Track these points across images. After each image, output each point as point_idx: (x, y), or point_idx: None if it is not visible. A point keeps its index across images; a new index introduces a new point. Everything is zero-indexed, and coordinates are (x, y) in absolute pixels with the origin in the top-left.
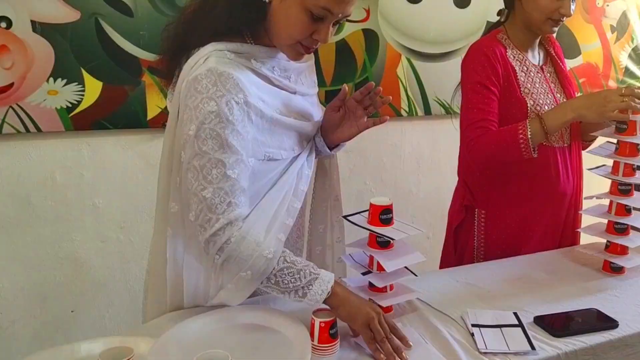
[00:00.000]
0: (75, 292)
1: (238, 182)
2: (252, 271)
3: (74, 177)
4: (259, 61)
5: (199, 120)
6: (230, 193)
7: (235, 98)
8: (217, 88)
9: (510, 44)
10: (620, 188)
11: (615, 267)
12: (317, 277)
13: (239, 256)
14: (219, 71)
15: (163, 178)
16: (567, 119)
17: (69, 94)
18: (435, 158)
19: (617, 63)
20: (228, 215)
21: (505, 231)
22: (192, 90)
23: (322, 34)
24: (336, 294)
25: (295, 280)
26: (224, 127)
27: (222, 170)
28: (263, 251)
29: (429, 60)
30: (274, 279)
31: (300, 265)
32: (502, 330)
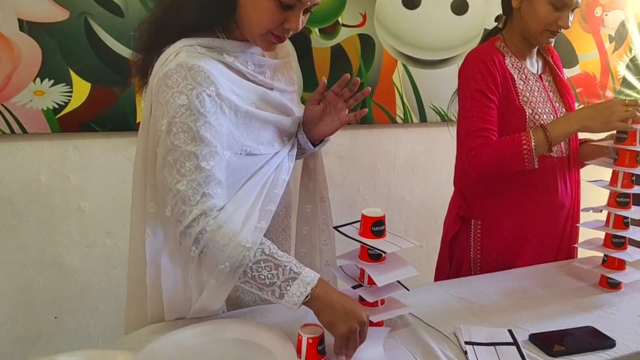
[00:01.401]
0: (59, 297)
1: (212, 173)
2: (230, 262)
3: (60, 180)
4: (232, 55)
5: (170, 115)
6: (203, 184)
7: (206, 91)
8: (188, 82)
9: (508, 52)
10: (618, 200)
11: (612, 283)
12: (296, 276)
13: (215, 246)
14: (189, 65)
15: (138, 179)
16: (572, 130)
17: (56, 95)
18: (430, 166)
19: (615, 73)
20: (202, 206)
21: (502, 242)
22: (163, 85)
23: (292, 22)
24: (317, 298)
25: (272, 276)
26: (196, 120)
27: (194, 162)
28: (240, 240)
29: (425, 67)
30: (251, 273)
31: (281, 260)
32: (496, 348)
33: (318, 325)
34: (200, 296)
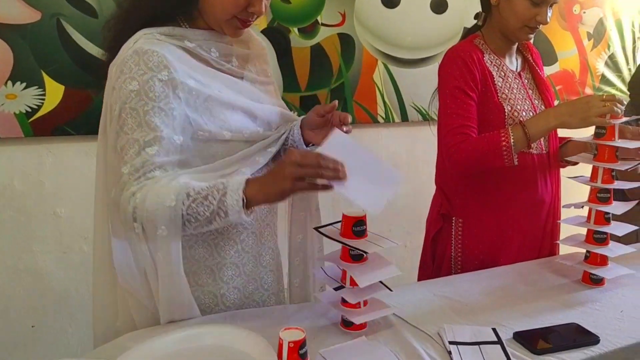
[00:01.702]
0: (36, 305)
1: (152, 159)
2: (165, 225)
3: (34, 185)
4: (193, 42)
5: (122, 101)
6: (141, 169)
7: (158, 76)
8: (139, 67)
9: (487, 49)
10: (599, 196)
11: (595, 279)
12: (225, 191)
13: (147, 216)
14: (143, 50)
15: (100, 179)
16: (550, 127)
17: (28, 98)
18: (412, 165)
19: (594, 70)
20: (134, 188)
21: (483, 240)
22: (119, 72)
23: (256, 5)
24: (251, 196)
25: (208, 206)
26: (144, 105)
27: (137, 149)
28: (164, 201)
29: (405, 66)
30: (191, 218)
31: (206, 192)
32: (481, 347)
33: (299, 329)
34: (159, 280)
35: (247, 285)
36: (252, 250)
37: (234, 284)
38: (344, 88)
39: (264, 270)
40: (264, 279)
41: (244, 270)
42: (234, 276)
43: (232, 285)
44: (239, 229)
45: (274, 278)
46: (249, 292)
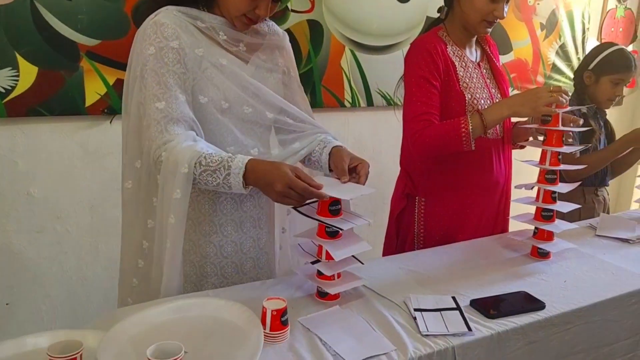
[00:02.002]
0: (10, 284)
1: (170, 113)
2: (180, 189)
3: (8, 165)
4: (205, 23)
5: (142, 63)
6: (162, 122)
7: (170, 44)
8: (157, 35)
9: (450, 41)
10: (547, 177)
11: (542, 252)
12: (229, 171)
13: (166, 175)
14: (160, 22)
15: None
16: (504, 115)
17: (2, 79)
18: (377, 148)
19: (546, 59)
20: (159, 141)
21: (444, 218)
22: (140, 39)
23: (261, 9)
24: (250, 177)
25: (215, 178)
26: (160, 67)
27: (154, 103)
28: (180, 169)
29: (371, 53)
30: (202, 183)
31: (214, 166)
32: (442, 313)
33: (281, 299)
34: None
35: (224, 246)
36: (231, 214)
37: (209, 239)
38: (313, 73)
39: (245, 235)
40: (243, 244)
41: (220, 230)
42: (210, 232)
43: (208, 240)
44: (218, 215)
45: (253, 244)
46: (228, 252)
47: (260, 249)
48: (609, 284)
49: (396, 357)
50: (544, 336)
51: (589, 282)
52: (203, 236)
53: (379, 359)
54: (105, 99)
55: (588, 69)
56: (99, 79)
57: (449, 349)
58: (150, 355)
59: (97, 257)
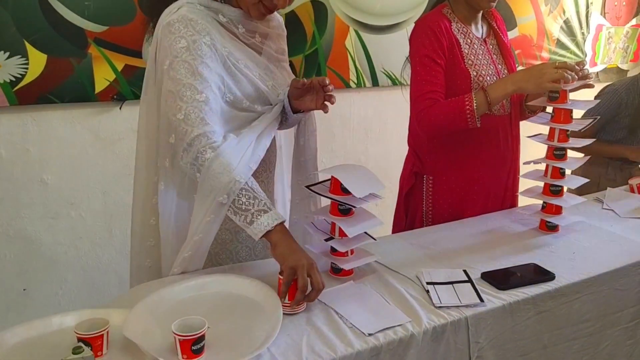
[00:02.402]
0: (27, 270)
1: (208, 103)
2: (227, 194)
3: (20, 153)
4: (226, 17)
5: (172, 55)
6: (202, 110)
7: (203, 39)
8: (188, 29)
9: (454, 18)
10: (555, 153)
11: (551, 226)
12: (268, 210)
13: (210, 172)
14: (189, 17)
15: (145, 139)
16: (508, 92)
17: (12, 68)
18: (382, 128)
19: (550, 35)
20: (201, 129)
21: (452, 195)
22: (167, 32)
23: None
24: (278, 232)
25: (249, 204)
26: (194, 59)
27: (193, 92)
28: (236, 175)
29: (376, 33)
30: (236, 202)
31: (259, 194)
32: (454, 286)
33: None
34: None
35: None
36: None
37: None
38: (318, 54)
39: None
40: (256, 247)
41: (237, 238)
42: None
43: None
44: None
45: (263, 245)
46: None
47: None
48: (616, 255)
49: (411, 328)
50: (554, 306)
51: (597, 253)
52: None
53: (395, 330)
54: (115, 85)
55: None
56: (108, 66)
57: (462, 320)
58: (176, 329)
59: (111, 241)
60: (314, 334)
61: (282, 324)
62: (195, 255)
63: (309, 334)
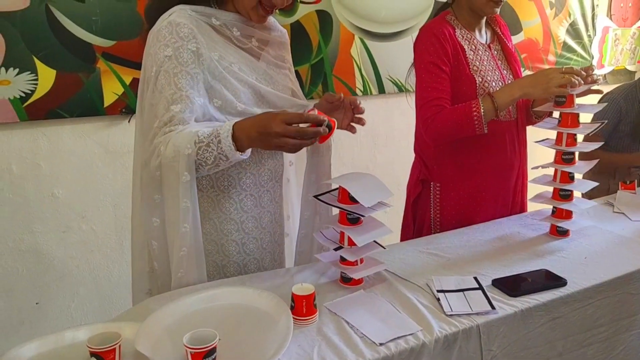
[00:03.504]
0: (39, 283)
1: (178, 114)
2: (187, 171)
3: (31, 168)
4: (219, 20)
5: (157, 64)
6: (169, 123)
7: (187, 45)
8: (172, 36)
9: (458, 25)
10: (564, 157)
11: (562, 231)
12: (219, 138)
13: (169, 164)
14: (176, 22)
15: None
16: (515, 97)
17: (22, 84)
18: (390, 135)
19: (556, 38)
20: (159, 139)
21: (459, 202)
22: (154, 40)
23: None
24: (241, 140)
25: (211, 152)
26: (174, 68)
27: (165, 105)
28: (182, 151)
29: (381, 40)
30: (202, 162)
31: (207, 139)
32: (465, 293)
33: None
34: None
35: (246, 243)
36: (251, 211)
37: (232, 237)
38: (324, 63)
39: (264, 231)
40: (263, 239)
41: (242, 228)
42: (233, 230)
43: (231, 239)
44: (238, 190)
45: (271, 239)
46: (250, 249)
47: (275, 241)
48: (628, 259)
49: (422, 337)
50: (567, 312)
51: (608, 257)
52: (226, 235)
53: (406, 339)
54: (123, 98)
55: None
56: (116, 79)
57: (473, 328)
58: (187, 342)
59: (122, 253)
60: (325, 344)
61: (293, 335)
62: (191, 253)
63: (320, 344)
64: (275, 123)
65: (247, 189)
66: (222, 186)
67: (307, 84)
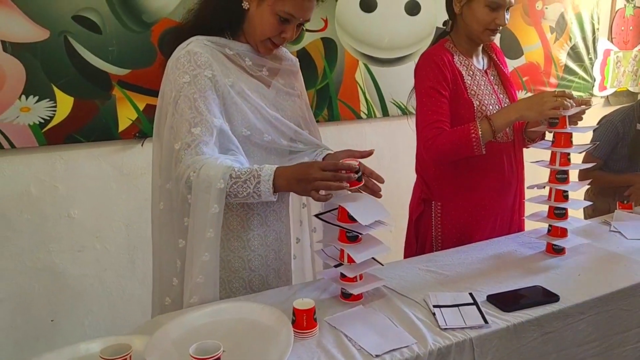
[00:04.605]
0: (54, 301)
1: (200, 136)
2: (217, 204)
3: (49, 190)
4: (233, 50)
5: (177, 90)
6: (192, 145)
7: (204, 72)
8: (191, 64)
9: (456, 51)
10: (557, 177)
11: (557, 249)
12: (259, 179)
13: (200, 195)
14: (194, 51)
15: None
16: (512, 119)
17: (41, 110)
18: (394, 156)
19: (557, 61)
20: (188, 161)
21: (460, 220)
22: (174, 68)
23: (288, 33)
24: (280, 185)
25: (245, 188)
26: (194, 93)
27: (187, 127)
28: (215, 184)
29: (384, 65)
30: (232, 194)
31: (245, 176)
32: (460, 308)
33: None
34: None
35: (252, 259)
36: (257, 229)
37: (238, 254)
38: (329, 88)
39: (268, 249)
40: (268, 257)
41: (248, 245)
42: (239, 247)
43: (237, 255)
44: (245, 209)
45: (276, 257)
46: (255, 266)
47: (280, 259)
48: (621, 275)
49: (417, 349)
50: (559, 327)
51: (601, 274)
52: (232, 252)
53: (401, 351)
54: (137, 123)
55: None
56: (130, 106)
57: (466, 341)
58: (193, 353)
59: (135, 272)
60: (324, 356)
61: (294, 347)
62: (208, 282)
63: (319, 356)
64: (313, 169)
65: (254, 208)
66: (229, 205)
67: (313, 108)
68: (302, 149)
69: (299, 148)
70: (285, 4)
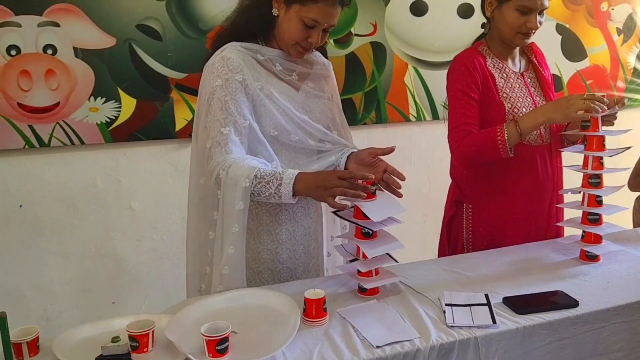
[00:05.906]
0: (115, 285)
1: (229, 136)
2: (242, 201)
3: (113, 183)
4: (264, 56)
5: (210, 92)
6: (222, 143)
7: (235, 76)
8: (223, 68)
9: (490, 54)
10: (590, 181)
11: (590, 255)
12: (281, 182)
13: (228, 191)
14: (227, 57)
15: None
16: (539, 122)
17: (107, 111)
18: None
19: (625, 64)
20: (218, 159)
21: (491, 223)
22: (209, 72)
23: (313, 37)
24: (299, 189)
25: (268, 188)
26: (225, 96)
27: (218, 127)
28: (242, 183)
29: (435, 68)
30: (255, 193)
31: (268, 178)
32: (471, 308)
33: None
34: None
35: (280, 252)
36: (285, 224)
37: (267, 246)
38: (377, 91)
39: (297, 243)
40: (296, 250)
41: (276, 238)
42: (268, 240)
43: (266, 247)
44: (274, 204)
45: (305, 251)
46: (283, 258)
47: (309, 254)
48: None
49: (418, 343)
50: (577, 332)
51: (632, 282)
52: (262, 244)
53: (402, 344)
54: (192, 123)
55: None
56: (186, 107)
57: (471, 339)
58: (204, 331)
59: None
60: (327, 344)
61: (302, 334)
62: (233, 273)
63: (324, 343)
64: (332, 177)
65: (283, 205)
66: (260, 201)
67: (361, 111)
68: (329, 148)
69: (327, 148)
70: (310, 10)
